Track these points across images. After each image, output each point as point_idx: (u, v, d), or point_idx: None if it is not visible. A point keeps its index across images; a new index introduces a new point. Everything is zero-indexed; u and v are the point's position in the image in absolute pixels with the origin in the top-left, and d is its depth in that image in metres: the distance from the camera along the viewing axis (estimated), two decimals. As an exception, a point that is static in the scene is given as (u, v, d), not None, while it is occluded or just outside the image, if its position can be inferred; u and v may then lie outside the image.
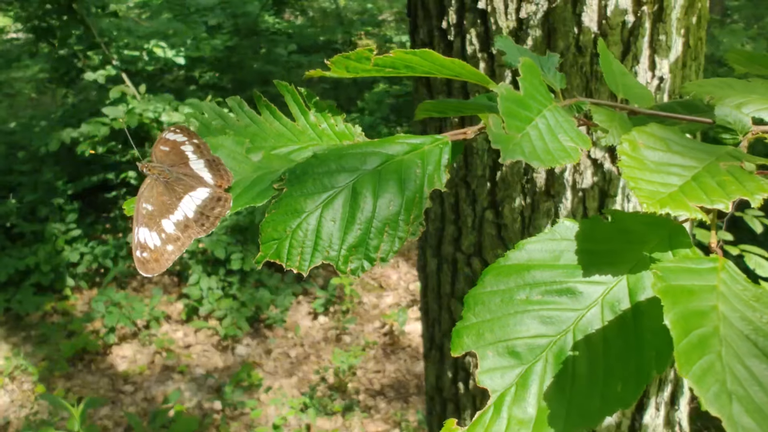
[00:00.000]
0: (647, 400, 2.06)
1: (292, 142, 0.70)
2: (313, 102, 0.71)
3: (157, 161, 0.71)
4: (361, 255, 0.59)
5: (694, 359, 0.44)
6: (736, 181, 0.55)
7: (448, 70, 0.66)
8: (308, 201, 0.60)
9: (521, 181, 1.82)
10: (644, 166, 0.56)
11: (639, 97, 0.76)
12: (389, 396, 4.37)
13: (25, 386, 4.45)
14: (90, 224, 5.63)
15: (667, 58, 1.73)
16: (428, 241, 2.13)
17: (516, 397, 0.54)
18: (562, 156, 0.58)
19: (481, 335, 0.57)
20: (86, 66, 5.92)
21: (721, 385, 0.44)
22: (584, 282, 0.58)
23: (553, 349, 0.56)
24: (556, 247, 0.60)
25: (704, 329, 0.46)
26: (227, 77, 6.75)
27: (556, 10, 1.63)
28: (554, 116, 0.61)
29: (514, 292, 0.58)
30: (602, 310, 0.57)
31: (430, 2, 1.82)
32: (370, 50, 0.65)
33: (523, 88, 0.61)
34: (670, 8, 1.68)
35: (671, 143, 0.60)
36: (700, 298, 0.49)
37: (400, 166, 0.62)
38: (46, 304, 5.03)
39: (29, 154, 5.97)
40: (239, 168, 0.67)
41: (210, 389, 4.44)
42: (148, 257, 0.66)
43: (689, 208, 0.52)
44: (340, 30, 8.36)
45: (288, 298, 5.11)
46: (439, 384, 2.29)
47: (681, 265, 0.51)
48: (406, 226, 0.60)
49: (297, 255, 0.59)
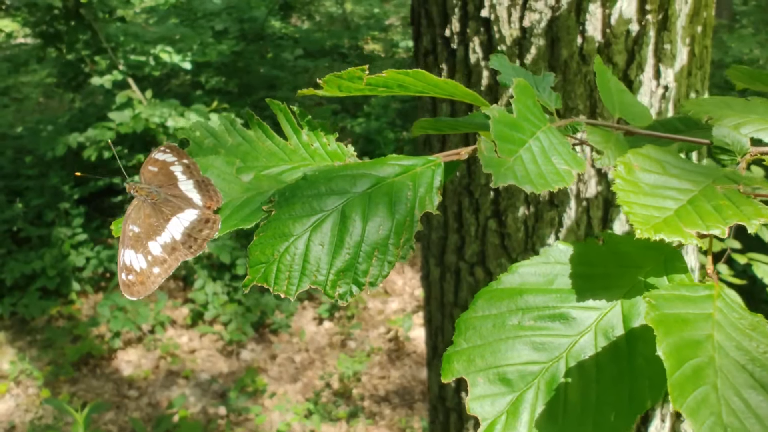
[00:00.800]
0: (652, 411, 2.04)
1: (284, 162, 0.69)
2: (306, 120, 0.71)
3: (145, 182, 0.71)
4: (350, 279, 0.58)
5: (689, 391, 0.43)
6: (732, 205, 0.54)
7: (441, 90, 0.65)
8: (296, 224, 0.59)
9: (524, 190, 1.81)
10: (639, 190, 0.55)
11: (636, 116, 0.75)
12: (394, 402, 4.35)
13: (30, 390, 4.46)
14: (96, 228, 5.64)
15: (672, 66, 1.72)
16: (431, 249, 2.12)
17: (507, 426, 0.53)
18: (555, 180, 0.58)
19: (471, 361, 0.56)
20: (93, 71, 5.94)
21: (717, 417, 0.43)
22: (578, 307, 0.57)
23: (545, 377, 0.55)
24: (549, 270, 0.59)
25: (699, 360, 0.45)
26: (233, 82, 6.76)
27: (560, 19, 1.63)
28: (548, 138, 0.61)
29: (506, 317, 0.57)
30: (596, 337, 0.56)
31: (433, 10, 1.81)
32: (363, 69, 0.64)
33: (516, 110, 0.60)
34: (674, 17, 1.67)
35: (667, 165, 0.59)
36: (695, 327, 0.48)
37: (390, 188, 0.61)
38: (51, 309, 5.03)
39: (36, 158, 5.99)
40: (229, 189, 0.66)
41: (214, 394, 4.44)
42: (134, 280, 0.65)
43: (684, 234, 0.52)
44: (346, 35, 8.36)
45: (293, 304, 5.10)
46: (442, 393, 2.28)
47: (675, 293, 0.50)
48: (396, 250, 0.59)
49: (284, 279, 0.58)
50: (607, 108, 0.74)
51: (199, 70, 6.47)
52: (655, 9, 1.65)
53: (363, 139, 6.42)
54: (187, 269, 5.29)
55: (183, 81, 6.98)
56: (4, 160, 6.09)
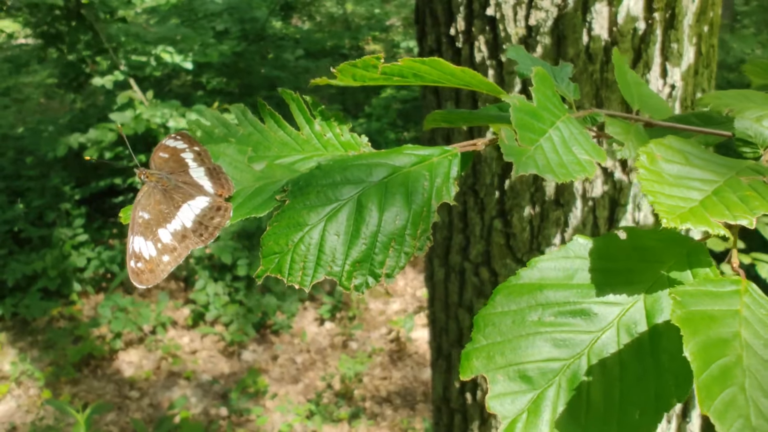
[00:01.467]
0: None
1: (296, 152, 0.68)
2: (319, 110, 0.69)
3: (155, 168, 0.69)
4: (366, 271, 0.57)
5: (716, 393, 0.42)
6: (759, 196, 0.53)
7: (457, 80, 0.63)
8: (311, 214, 0.58)
9: (530, 190, 1.80)
10: (663, 180, 0.54)
11: (655, 109, 0.74)
12: (396, 403, 4.34)
13: (31, 391, 4.44)
14: (97, 229, 5.63)
15: (679, 65, 1.70)
16: (436, 250, 2.10)
17: (527, 424, 0.52)
18: (577, 169, 0.56)
19: (491, 358, 0.54)
20: (94, 71, 5.93)
21: (745, 420, 0.41)
22: (599, 303, 0.56)
23: (567, 374, 0.53)
24: (569, 265, 0.57)
25: (726, 359, 0.44)
26: (235, 82, 6.75)
27: (566, 17, 1.61)
28: (568, 128, 0.59)
29: (525, 313, 0.56)
30: (618, 333, 0.54)
31: (438, 9, 1.80)
32: (378, 58, 0.63)
33: (536, 99, 0.58)
34: (681, 15, 1.65)
35: (690, 156, 0.57)
36: (722, 325, 0.46)
37: (407, 178, 0.60)
38: (52, 309, 5.02)
39: (37, 159, 5.98)
40: (241, 177, 0.65)
41: (216, 395, 4.42)
42: (143, 268, 0.63)
43: (711, 224, 0.50)
44: (347, 35, 8.35)
45: (294, 304, 5.09)
46: (446, 394, 2.26)
47: (701, 289, 0.49)
48: (413, 241, 0.57)
49: (299, 270, 0.56)
50: (627, 100, 0.73)
51: (201, 71, 6.46)
52: (662, 7, 1.64)
53: (364, 139, 6.40)
54: (189, 270, 5.28)
55: (184, 81, 6.97)
56: (5, 160, 6.08)
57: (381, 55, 0.62)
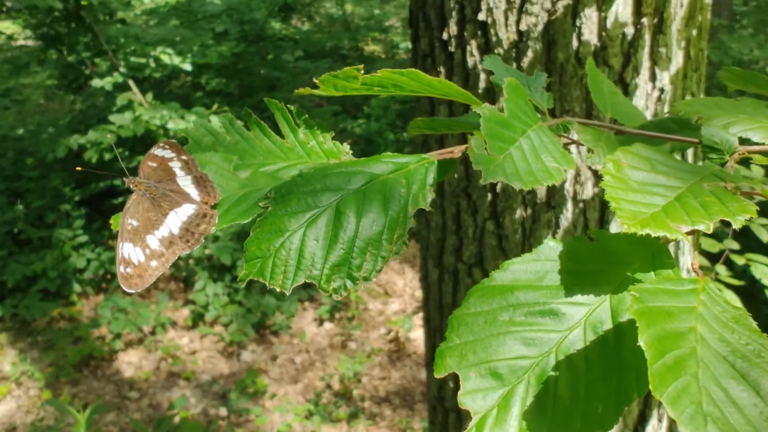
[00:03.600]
0: (649, 411, 2.05)
1: (281, 160, 0.70)
2: (303, 119, 0.72)
3: (144, 177, 0.72)
4: (344, 274, 0.60)
5: (669, 381, 0.45)
6: (718, 201, 0.55)
7: (435, 90, 0.66)
8: (292, 220, 0.60)
9: (522, 192, 1.82)
10: (628, 186, 0.57)
11: (628, 116, 0.76)
12: (394, 403, 4.36)
13: (31, 392, 4.47)
14: (97, 230, 5.65)
15: (668, 69, 1.73)
16: (430, 251, 2.13)
17: (498, 419, 0.54)
18: (545, 177, 0.59)
19: (464, 356, 0.57)
20: (94, 73, 5.95)
21: (697, 406, 0.44)
22: (567, 303, 0.58)
23: (536, 371, 0.56)
24: (540, 267, 0.60)
25: (681, 351, 0.47)
26: (234, 83, 6.77)
27: (556, 22, 1.64)
28: (539, 136, 0.62)
29: (497, 314, 0.58)
30: (585, 332, 0.57)
31: (431, 13, 1.82)
32: (358, 69, 0.65)
33: (507, 109, 0.61)
34: (670, 20, 1.68)
35: (656, 163, 0.60)
36: (679, 320, 0.49)
37: (384, 185, 0.62)
38: (52, 310, 5.05)
39: (37, 160, 6.01)
40: (226, 185, 0.68)
41: (215, 395, 4.45)
42: (132, 273, 0.66)
43: (670, 229, 0.53)
44: (346, 36, 8.37)
45: (294, 305, 5.11)
46: (441, 393, 2.29)
47: (660, 287, 0.52)
48: (390, 246, 0.60)
49: (280, 274, 0.59)
50: (599, 108, 0.76)
51: (200, 72, 6.49)
52: (651, 12, 1.66)
53: (363, 140, 6.44)
54: (188, 271, 5.30)
55: (183, 83, 6.99)
56: (5, 161, 6.11)
57: (361, 66, 0.64)
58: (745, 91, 0.95)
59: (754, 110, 0.73)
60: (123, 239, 0.67)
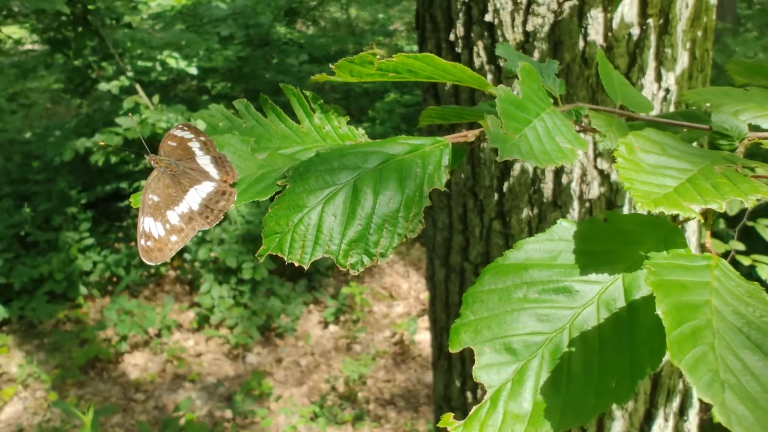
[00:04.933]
0: (656, 410, 2.05)
1: (297, 144, 0.71)
2: (318, 104, 0.73)
3: (164, 155, 0.73)
4: (361, 250, 0.61)
5: (687, 349, 0.46)
6: (730, 183, 0.56)
7: (450, 75, 0.67)
8: (310, 197, 0.62)
9: (528, 191, 1.83)
10: (640, 168, 0.57)
11: (638, 105, 0.77)
12: (399, 405, 4.36)
13: (38, 394, 4.48)
14: (103, 233, 5.67)
15: (673, 70, 1.73)
16: (436, 251, 2.14)
17: (512, 393, 0.55)
18: (559, 156, 0.60)
19: (478, 332, 0.58)
20: (100, 77, 5.98)
21: (714, 374, 0.45)
22: (581, 281, 0.59)
23: (549, 347, 0.57)
24: (553, 247, 0.61)
25: (697, 321, 0.47)
26: (239, 87, 6.79)
27: (562, 23, 1.65)
28: (552, 119, 0.63)
29: (511, 291, 0.59)
30: (598, 309, 0.58)
31: (438, 15, 1.83)
32: (374, 54, 0.66)
33: (521, 92, 0.62)
34: (675, 21, 1.69)
35: (667, 147, 0.61)
36: (693, 293, 0.50)
37: (400, 165, 0.63)
38: (59, 312, 5.06)
39: (44, 163, 6.03)
40: (244, 165, 0.69)
41: (221, 398, 4.45)
42: (152, 246, 0.68)
43: (683, 208, 0.54)
44: (351, 40, 8.40)
45: (299, 307, 5.12)
46: (447, 393, 2.29)
47: (674, 262, 0.52)
48: (406, 223, 0.61)
49: (298, 248, 0.60)
50: (609, 95, 0.77)
51: (205, 76, 6.51)
52: (656, 13, 1.67)
53: (368, 144, 6.43)
54: (194, 273, 5.32)
55: (189, 86, 7.02)
56: (12, 165, 6.13)
57: (377, 51, 0.65)
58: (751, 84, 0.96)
59: (763, 99, 0.74)
60: (144, 214, 0.69)
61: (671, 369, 2.00)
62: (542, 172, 1.80)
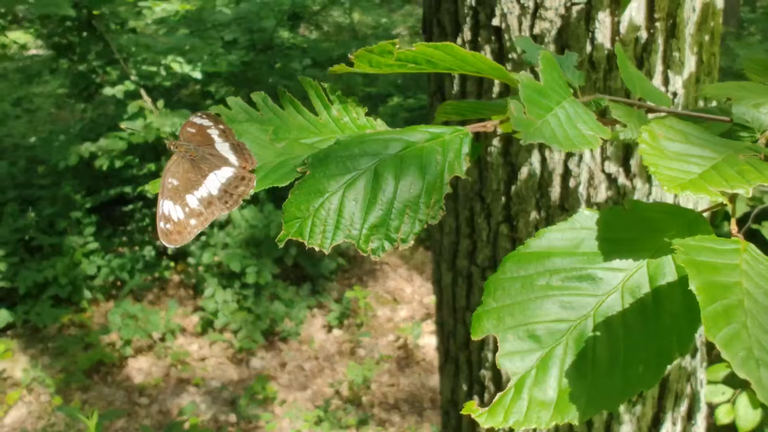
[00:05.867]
0: (664, 414, 2.05)
1: (315, 135, 0.71)
2: (336, 95, 0.73)
3: (184, 140, 0.74)
4: (382, 235, 0.61)
5: (722, 325, 0.46)
6: (755, 170, 0.56)
7: (470, 66, 0.67)
8: (331, 182, 0.62)
9: (536, 195, 1.82)
10: (664, 155, 0.57)
11: (656, 99, 0.77)
12: (403, 410, 4.36)
13: (42, 398, 4.48)
14: (107, 237, 5.68)
15: (681, 73, 1.73)
16: (443, 254, 2.13)
17: (536, 380, 0.55)
18: (582, 142, 0.60)
19: (501, 319, 0.58)
20: (105, 81, 5.99)
21: (748, 351, 0.45)
22: (604, 268, 0.59)
23: (573, 334, 0.57)
24: (576, 235, 0.61)
25: (729, 300, 0.48)
26: (243, 92, 6.79)
27: (569, 27, 1.64)
28: (573, 107, 0.63)
29: (534, 278, 0.59)
30: (622, 296, 0.58)
31: (445, 19, 1.83)
32: (393, 43, 0.66)
33: (543, 79, 0.62)
34: (683, 24, 1.68)
35: (690, 136, 0.61)
36: (724, 274, 0.50)
37: (421, 152, 0.63)
38: (63, 317, 5.06)
39: (48, 168, 6.04)
40: (263, 153, 0.69)
41: (225, 402, 4.45)
42: (171, 229, 0.68)
43: (710, 192, 0.53)
44: (354, 44, 8.41)
45: (303, 311, 5.12)
46: (454, 397, 2.28)
47: (703, 244, 0.52)
48: (427, 209, 0.61)
49: (319, 233, 0.60)
50: (629, 87, 0.76)
51: (209, 80, 6.52)
52: (664, 17, 1.67)
53: (372, 148, 6.45)
54: (198, 278, 5.32)
55: (193, 91, 7.03)
56: (16, 170, 6.15)
57: (397, 41, 0.65)
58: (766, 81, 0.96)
59: (782, 92, 0.74)
60: (163, 197, 0.69)
61: (679, 373, 1.99)
62: (549, 175, 1.80)
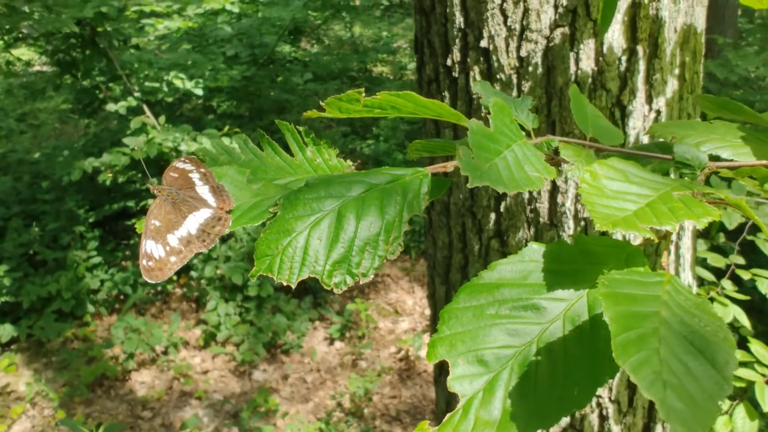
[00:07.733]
0: (654, 424, 2.09)
1: (290, 174, 0.78)
2: (311, 138, 0.80)
3: (166, 185, 0.80)
4: (344, 270, 0.67)
5: (632, 352, 0.51)
6: (685, 207, 0.62)
7: (430, 111, 0.73)
8: (298, 222, 0.68)
9: (525, 211, 1.88)
10: (603, 194, 0.63)
11: (609, 137, 0.83)
12: (405, 421, 4.39)
13: (45, 412, 4.53)
14: (110, 251, 5.74)
15: (663, 92, 1.79)
16: (437, 269, 2.19)
17: (483, 401, 0.61)
18: (526, 183, 0.65)
19: (453, 346, 0.63)
20: (108, 97, 6.08)
21: (657, 374, 0.50)
22: (548, 299, 0.65)
23: (518, 359, 0.62)
24: (524, 267, 0.67)
25: (643, 329, 0.53)
26: (245, 106, 6.88)
27: (555, 48, 1.70)
28: (522, 150, 0.68)
29: (484, 308, 0.65)
30: (564, 324, 0.64)
31: (435, 41, 1.89)
32: (359, 92, 0.72)
33: (493, 125, 0.68)
34: (664, 45, 1.74)
35: (630, 175, 0.66)
36: (643, 305, 0.55)
37: (382, 193, 0.70)
38: (67, 331, 5.12)
39: (52, 183, 6.12)
40: (240, 194, 0.76)
41: (227, 415, 4.49)
42: (153, 266, 0.75)
43: (639, 228, 0.59)
44: (355, 58, 8.49)
45: (304, 324, 5.16)
46: (449, 409, 2.33)
47: (628, 277, 0.58)
48: (386, 246, 0.67)
49: (287, 269, 0.67)
50: (580, 128, 0.82)
51: (211, 95, 6.60)
52: (646, 38, 1.72)
53: (372, 160, 6.53)
54: (200, 291, 5.37)
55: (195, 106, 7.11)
56: (21, 185, 6.22)
57: (362, 90, 0.71)
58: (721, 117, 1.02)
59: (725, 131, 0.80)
60: (146, 237, 0.76)
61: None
62: (538, 192, 1.85)
